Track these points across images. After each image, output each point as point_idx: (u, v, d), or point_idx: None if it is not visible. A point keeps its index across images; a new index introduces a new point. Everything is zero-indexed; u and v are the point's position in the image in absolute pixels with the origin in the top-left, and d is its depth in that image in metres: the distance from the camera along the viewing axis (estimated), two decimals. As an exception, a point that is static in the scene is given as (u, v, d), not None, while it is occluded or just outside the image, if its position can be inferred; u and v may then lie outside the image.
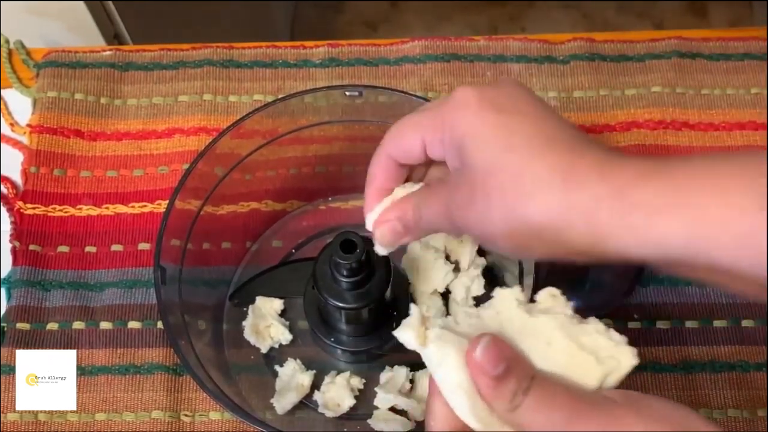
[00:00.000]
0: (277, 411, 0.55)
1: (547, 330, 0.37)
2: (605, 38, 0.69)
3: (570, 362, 0.36)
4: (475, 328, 0.38)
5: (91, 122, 0.66)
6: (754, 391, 0.56)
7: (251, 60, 0.68)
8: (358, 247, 0.48)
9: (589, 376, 0.36)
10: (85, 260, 0.61)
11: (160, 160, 0.64)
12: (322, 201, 0.63)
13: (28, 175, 0.63)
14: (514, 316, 0.38)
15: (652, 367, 0.57)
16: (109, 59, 0.68)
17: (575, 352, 0.36)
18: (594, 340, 0.37)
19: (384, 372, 0.56)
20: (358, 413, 0.55)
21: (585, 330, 0.37)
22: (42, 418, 0.55)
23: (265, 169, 0.60)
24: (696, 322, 0.58)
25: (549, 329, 0.37)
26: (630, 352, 0.37)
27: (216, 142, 0.54)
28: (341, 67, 0.68)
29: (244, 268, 0.61)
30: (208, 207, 0.56)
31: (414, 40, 0.68)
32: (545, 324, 0.37)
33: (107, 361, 0.57)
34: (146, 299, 0.59)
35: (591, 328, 0.37)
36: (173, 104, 0.67)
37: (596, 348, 0.37)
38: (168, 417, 0.55)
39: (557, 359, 0.37)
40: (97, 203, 0.63)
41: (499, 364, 0.35)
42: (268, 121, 0.56)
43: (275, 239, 0.62)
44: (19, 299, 0.59)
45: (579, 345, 0.37)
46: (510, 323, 0.38)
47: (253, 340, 0.57)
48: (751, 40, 0.69)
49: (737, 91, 0.67)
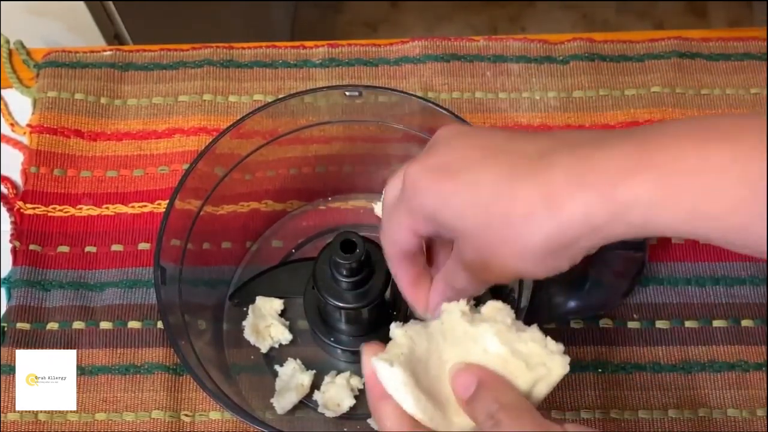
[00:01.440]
0: (277, 411, 0.55)
1: (486, 337, 0.39)
2: (605, 38, 0.69)
3: (504, 368, 0.39)
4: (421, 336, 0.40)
5: (91, 122, 0.66)
6: (753, 391, 0.56)
7: (251, 60, 0.68)
8: (358, 247, 0.48)
9: (520, 380, 0.38)
10: (85, 260, 0.61)
11: (160, 160, 0.64)
12: (322, 201, 0.63)
13: (28, 175, 0.63)
14: (457, 326, 0.40)
15: (652, 367, 0.57)
16: (109, 59, 0.68)
17: (509, 358, 0.39)
18: (528, 348, 0.39)
19: (384, 372, 0.56)
20: (358, 413, 0.55)
21: (521, 338, 0.39)
22: (42, 418, 0.55)
23: (265, 169, 0.60)
24: (696, 322, 0.58)
25: (487, 336, 0.39)
26: (561, 361, 0.39)
27: (216, 142, 0.54)
28: (341, 67, 0.68)
29: (244, 268, 0.61)
30: (208, 207, 0.56)
31: (414, 40, 0.68)
32: (484, 331, 0.39)
33: (107, 361, 0.57)
34: (146, 299, 0.59)
35: (527, 336, 0.39)
36: (173, 104, 0.67)
37: (529, 355, 0.39)
38: (168, 417, 0.55)
39: (493, 364, 0.39)
40: (97, 203, 0.63)
41: (468, 389, 0.38)
42: (268, 121, 0.56)
43: (275, 239, 0.62)
44: (19, 299, 0.59)
45: (513, 351, 0.39)
46: (452, 332, 0.40)
47: (253, 340, 0.57)
48: (751, 40, 0.69)
49: (737, 91, 0.67)
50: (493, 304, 0.41)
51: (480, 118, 0.66)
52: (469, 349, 0.39)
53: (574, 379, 0.56)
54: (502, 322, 0.40)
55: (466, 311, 0.41)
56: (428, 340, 0.40)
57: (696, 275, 0.60)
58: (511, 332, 0.39)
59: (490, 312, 0.41)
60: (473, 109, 0.66)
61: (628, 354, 0.57)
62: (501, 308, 0.41)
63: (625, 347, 0.57)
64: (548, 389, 0.39)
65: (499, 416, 0.36)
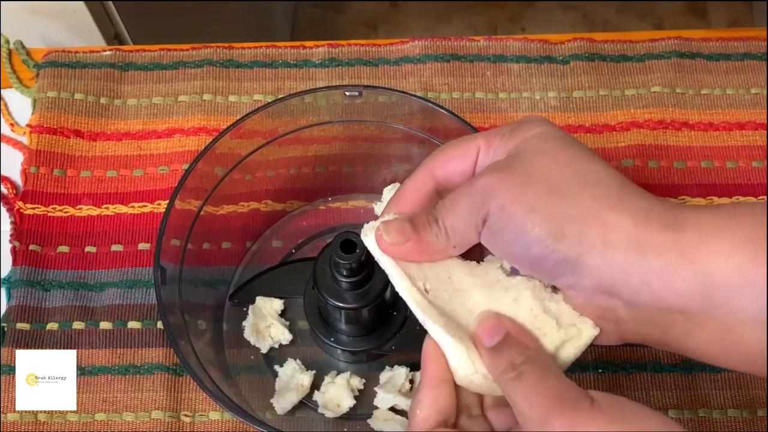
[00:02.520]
0: (277, 411, 0.55)
1: (519, 289, 0.39)
2: (605, 38, 0.69)
3: (532, 321, 0.38)
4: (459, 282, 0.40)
5: (91, 122, 0.66)
6: (754, 391, 0.56)
7: (251, 60, 0.68)
8: (358, 247, 0.48)
9: (548, 338, 0.38)
10: (85, 260, 0.61)
11: (160, 160, 0.64)
12: (322, 201, 0.63)
13: (28, 175, 0.63)
14: (491, 272, 0.40)
15: (652, 367, 0.57)
16: (109, 59, 0.68)
17: (538, 312, 0.38)
18: (559, 308, 0.38)
19: (384, 372, 0.56)
20: (358, 413, 0.55)
21: (553, 297, 0.39)
22: (42, 418, 0.55)
23: (265, 169, 0.60)
24: (696, 322, 0.58)
25: (520, 287, 0.39)
26: (591, 323, 0.38)
27: (216, 142, 0.54)
28: (341, 67, 0.68)
29: (244, 268, 0.61)
30: (208, 207, 0.56)
31: (414, 40, 0.68)
32: (518, 282, 0.39)
33: (107, 361, 0.57)
34: (146, 299, 0.59)
35: (559, 297, 0.39)
36: (173, 104, 0.67)
37: (559, 314, 0.38)
38: (168, 417, 0.55)
39: (520, 316, 0.38)
40: (97, 203, 0.63)
41: (494, 336, 0.36)
42: (268, 121, 0.56)
43: (275, 239, 0.62)
44: (19, 299, 0.59)
45: (544, 308, 0.38)
46: (485, 275, 0.40)
47: (253, 340, 0.57)
48: (751, 40, 0.69)
49: (737, 91, 0.67)
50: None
51: (480, 118, 0.66)
52: (499, 296, 0.39)
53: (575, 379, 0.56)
54: (539, 280, 0.39)
55: (506, 267, 0.40)
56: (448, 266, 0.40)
57: (696, 275, 0.60)
58: (546, 291, 0.39)
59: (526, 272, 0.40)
60: (473, 109, 0.66)
61: (628, 354, 0.57)
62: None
63: (626, 347, 0.57)
64: (577, 352, 0.38)
65: (524, 368, 0.35)
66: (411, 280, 0.39)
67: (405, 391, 0.55)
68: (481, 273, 0.40)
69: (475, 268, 0.41)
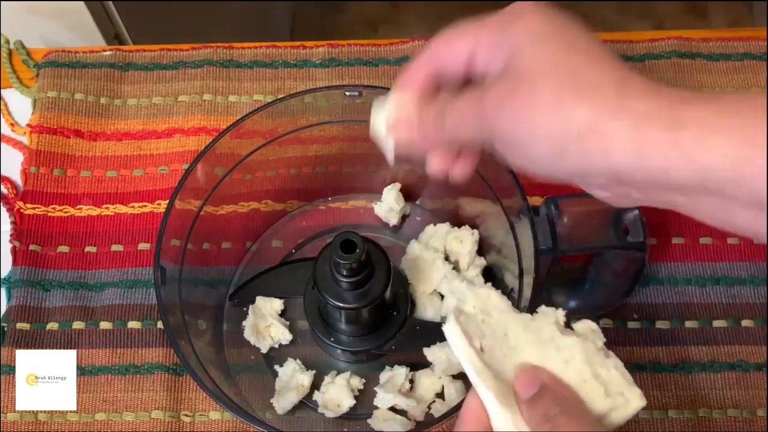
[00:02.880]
0: (277, 411, 0.55)
1: (571, 350, 0.39)
2: (605, 38, 0.69)
3: (581, 385, 0.38)
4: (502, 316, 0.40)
5: (91, 122, 0.66)
6: (753, 391, 0.56)
7: (251, 60, 0.68)
8: (358, 247, 0.48)
9: (596, 404, 0.38)
10: (85, 260, 0.61)
11: (160, 160, 0.64)
12: (322, 201, 0.63)
13: (28, 175, 0.63)
14: (545, 328, 0.40)
15: (652, 367, 0.57)
16: (109, 59, 0.68)
17: (588, 378, 0.38)
18: (610, 375, 0.38)
19: (384, 372, 0.56)
20: (358, 413, 0.55)
21: (605, 362, 0.39)
22: (42, 418, 0.55)
23: (265, 169, 0.60)
24: (696, 322, 0.58)
25: (573, 350, 0.39)
26: (639, 394, 0.38)
27: (216, 142, 0.54)
28: (341, 67, 0.68)
29: (244, 268, 0.61)
30: (208, 207, 0.56)
31: (414, 40, 0.68)
32: (571, 344, 0.39)
33: (107, 361, 0.57)
34: (146, 299, 0.59)
35: (611, 363, 0.39)
36: (173, 104, 0.67)
37: (609, 381, 0.38)
38: (168, 417, 0.55)
39: (570, 378, 0.38)
40: (97, 203, 0.63)
41: (530, 389, 0.37)
42: (268, 121, 0.56)
43: (275, 239, 0.62)
44: (19, 299, 0.59)
45: (594, 373, 0.38)
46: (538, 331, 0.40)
47: (253, 340, 0.57)
48: (751, 40, 0.69)
49: (737, 91, 0.67)
50: (587, 324, 0.40)
51: (480, 118, 0.65)
52: (550, 354, 0.39)
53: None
54: (592, 342, 0.39)
55: (560, 321, 0.40)
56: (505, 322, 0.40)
57: (696, 275, 0.60)
58: (598, 355, 0.39)
59: (582, 330, 0.40)
60: (473, 109, 0.66)
61: (628, 354, 0.57)
62: (594, 330, 0.40)
63: (625, 347, 0.57)
64: (621, 421, 0.38)
65: (559, 420, 0.35)
66: (469, 339, 0.39)
67: (405, 391, 0.55)
68: (536, 329, 0.40)
69: (530, 323, 0.40)
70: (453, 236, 0.58)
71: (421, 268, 0.57)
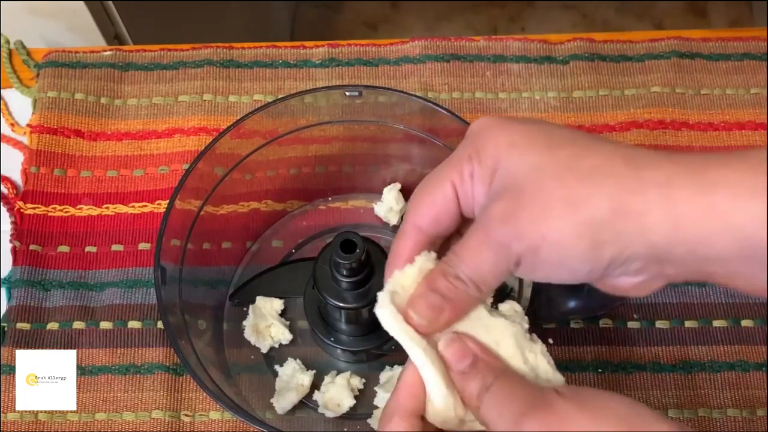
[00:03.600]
0: (277, 411, 0.55)
1: (501, 332, 0.38)
2: (605, 38, 0.69)
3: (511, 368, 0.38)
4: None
5: (92, 122, 0.66)
6: (753, 391, 0.56)
7: (251, 60, 0.68)
8: (358, 247, 0.48)
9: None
10: (86, 260, 0.61)
11: (160, 160, 0.64)
12: (322, 201, 0.63)
13: (28, 175, 0.63)
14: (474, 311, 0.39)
15: (651, 367, 0.57)
16: (109, 59, 0.68)
17: (518, 362, 0.38)
18: (537, 360, 0.38)
19: (384, 372, 0.56)
20: (358, 413, 0.55)
21: (533, 347, 0.38)
22: (42, 418, 0.55)
23: (265, 169, 0.60)
24: (696, 322, 0.58)
25: (502, 332, 0.38)
26: (562, 378, 0.38)
27: (216, 142, 0.54)
28: (341, 67, 0.68)
29: (244, 268, 0.61)
30: (208, 207, 0.56)
31: (414, 40, 0.68)
32: (502, 326, 0.38)
33: (107, 361, 0.57)
34: (146, 299, 0.59)
35: (538, 348, 0.39)
36: (173, 104, 0.67)
37: (536, 366, 0.38)
38: (168, 417, 0.55)
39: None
40: (97, 203, 0.63)
41: (464, 360, 0.35)
42: (268, 121, 0.56)
43: (275, 239, 0.62)
44: (19, 299, 0.59)
45: (523, 357, 0.38)
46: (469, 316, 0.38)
47: (254, 340, 0.57)
48: (751, 40, 0.69)
49: (737, 91, 0.67)
50: (511, 305, 0.40)
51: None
52: (479, 333, 0.38)
53: (574, 379, 0.56)
54: (520, 325, 0.39)
55: (487, 301, 0.39)
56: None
57: (696, 275, 0.60)
58: (526, 339, 0.38)
59: (508, 311, 0.40)
60: (473, 109, 0.66)
61: (628, 354, 0.57)
62: (518, 311, 0.40)
63: (625, 347, 0.57)
64: None
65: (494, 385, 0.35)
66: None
67: (405, 391, 0.55)
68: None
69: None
70: (453, 236, 0.58)
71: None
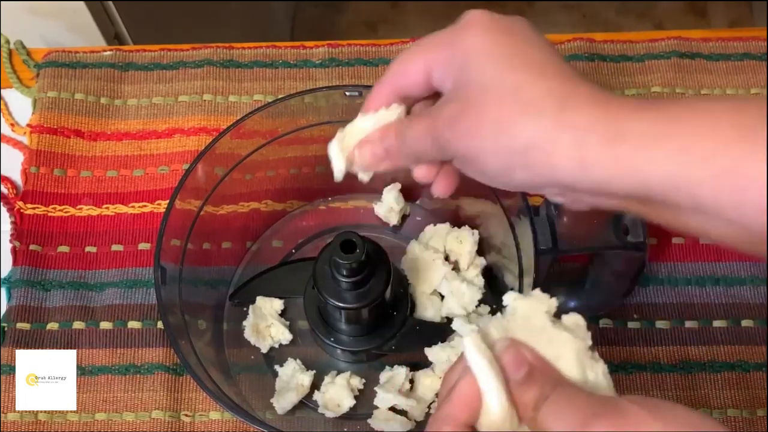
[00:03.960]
0: (277, 411, 0.55)
1: (563, 346, 0.37)
2: (605, 38, 0.69)
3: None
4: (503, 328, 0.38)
5: (91, 122, 0.66)
6: (753, 391, 0.56)
7: (251, 60, 0.68)
8: (358, 247, 0.48)
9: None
10: (86, 260, 0.61)
11: (160, 160, 0.64)
12: (322, 201, 0.63)
13: (28, 175, 0.63)
14: (536, 317, 0.38)
15: (651, 367, 0.57)
16: (109, 59, 0.68)
17: (578, 379, 0.37)
18: (597, 380, 0.37)
19: (384, 372, 0.56)
20: (358, 413, 0.55)
21: (594, 366, 0.37)
22: (42, 418, 0.55)
23: (265, 169, 0.60)
24: (696, 322, 0.58)
25: (565, 346, 0.37)
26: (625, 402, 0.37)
27: (216, 142, 0.54)
28: (341, 67, 0.68)
29: (244, 268, 0.61)
30: (208, 207, 0.56)
31: (414, 40, 0.68)
32: (564, 340, 0.37)
33: (107, 361, 0.57)
34: (146, 299, 0.59)
35: (600, 368, 0.37)
36: (173, 104, 0.67)
37: (596, 386, 0.37)
38: (168, 417, 0.55)
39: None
40: (97, 203, 0.63)
41: (520, 369, 0.36)
42: (268, 121, 0.56)
43: (275, 239, 0.62)
44: (19, 299, 0.59)
45: (583, 375, 0.37)
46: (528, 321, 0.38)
47: (254, 340, 0.57)
48: (751, 40, 0.69)
49: (737, 91, 0.67)
50: (575, 318, 0.39)
51: (480, 118, 0.65)
52: (541, 345, 0.37)
53: (574, 379, 0.56)
54: (583, 340, 0.37)
55: (552, 311, 0.38)
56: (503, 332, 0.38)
57: (696, 275, 0.60)
58: (587, 356, 0.37)
59: (572, 324, 0.39)
60: (473, 109, 0.66)
61: (628, 354, 0.57)
62: (581, 325, 0.39)
63: (625, 347, 0.57)
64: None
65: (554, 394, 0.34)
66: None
67: (405, 391, 0.55)
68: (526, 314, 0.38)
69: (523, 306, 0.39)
70: (453, 236, 0.58)
71: (421, 269, 0.57)
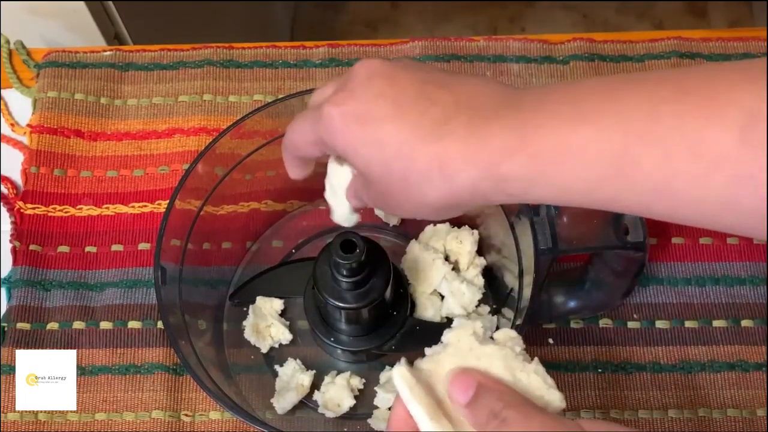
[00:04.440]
0: (277, 411, 0.55)
1: (490, 358, 0.39)
2: (605, 38, 0.69)
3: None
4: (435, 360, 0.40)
5: (92, 122, 0.66)
6: (753, 391, 0.56)
7: (251, 60, 0.68)
8: (358, 247, 0.48)
9: None
10: (86, 260, 0.61)
11: (160, 160, 0.64)
12: (322, 201, 0.63)
13: (28, 175, 0.63)
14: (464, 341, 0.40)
15: (651, 367, 0.57)
16: (109, 59, 0.68)
17: (511, 383, 0.38)
18: (530, 379, 0.39)
19: (384, 372, 0.56)
20: (358, 413, 0.55)
21: (525, 367, 0.39)
22: (42, 418, 0.55)
23: (265, 169, 0.60)
24: (696, 322, 0.58)
25: (492, 358, 0.39)
26: (559, 396, 0.38)
27: (216, 142, 0.54)
28: (341, 67, 0.68)
29: (244, 268, 0.61)
30: (208, 207, 0.56)
31: (414, 40, 0.68)
32: (491, 352, 0.39)
33: (107, 361, 0.57)
34: (146, 299, 0.59)
35: (530, 368, 0.39)
36: (173, 104, 0.67)
37: (528, 385, 0.38)
38: (168, 417, 0.55)
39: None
40: (97, 203, 0.63)
41: (467, 391, 0.37)
42: (268, 121, 0.56)
43: (275, 239, 0.62)
44: (19, 299, 0.59)
45: (514, 378, 0.38)
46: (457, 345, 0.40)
47: (254, 340, 0.57)
48: (751, 40, 0.69)
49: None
50: (506, 332, 0.41)
51: (480, 118, 0.65)
52: (470, 364, 0.39)
53: (574, 379, 0.56)
54: (511, 349, 0.39)
55: (478, 332, 0.40)
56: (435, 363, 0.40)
57: (696, 275, 0.60)
58: (517, 360, 0.39)
59: (502, 338, 0.40)
60: (473, 109, 0.66)
61: (628, 354, 0.57)
62: (513, 337, 0.40)
63: (625, 347, 0.57)
64: None
65: (505, 413, 0.35)
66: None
67: (405, 391, 0.54)
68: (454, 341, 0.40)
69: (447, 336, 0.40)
70: (453, 236, 0.58)
71: (421, 268, 0.57)
